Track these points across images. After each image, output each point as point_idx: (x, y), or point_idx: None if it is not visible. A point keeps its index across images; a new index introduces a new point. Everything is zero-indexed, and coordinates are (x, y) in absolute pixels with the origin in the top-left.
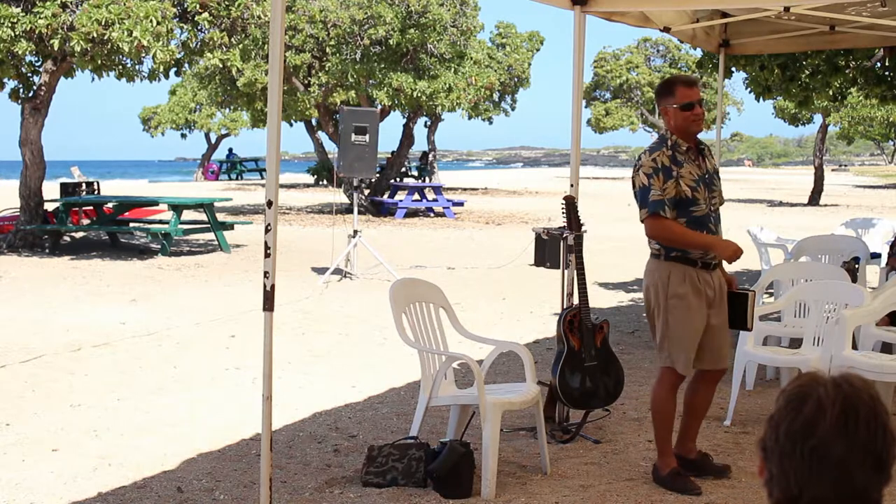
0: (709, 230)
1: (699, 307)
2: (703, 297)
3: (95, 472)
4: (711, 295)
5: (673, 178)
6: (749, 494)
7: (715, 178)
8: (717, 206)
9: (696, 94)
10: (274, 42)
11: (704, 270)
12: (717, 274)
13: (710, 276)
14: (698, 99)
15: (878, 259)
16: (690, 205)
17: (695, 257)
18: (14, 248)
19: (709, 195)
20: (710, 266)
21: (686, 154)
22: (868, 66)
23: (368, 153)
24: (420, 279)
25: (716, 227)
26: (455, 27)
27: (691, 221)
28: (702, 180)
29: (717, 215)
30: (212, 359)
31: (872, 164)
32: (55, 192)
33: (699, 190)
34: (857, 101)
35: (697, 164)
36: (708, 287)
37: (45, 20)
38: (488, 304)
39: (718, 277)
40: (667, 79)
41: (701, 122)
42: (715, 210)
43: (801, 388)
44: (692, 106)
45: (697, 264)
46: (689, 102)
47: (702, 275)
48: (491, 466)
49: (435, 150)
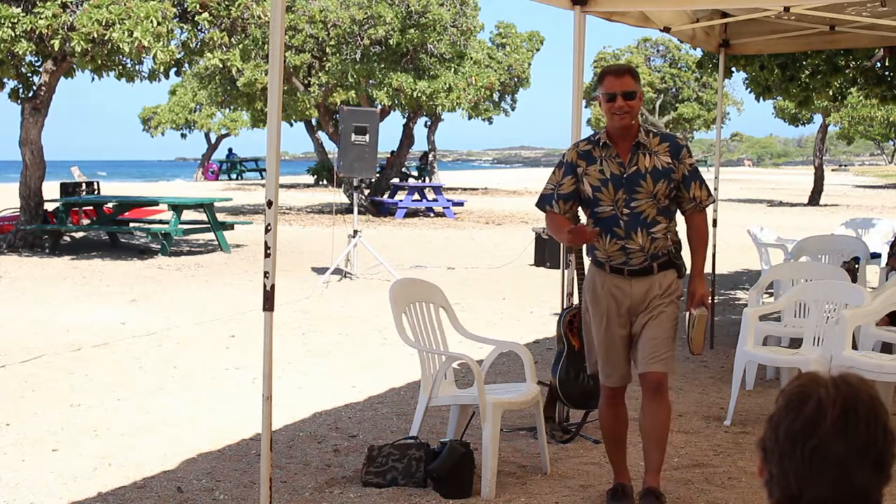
0: (614, 234)
1: (596, 314)
2: (601, 304)
3: (95, 472)
4: (626, 302)
5: (572, 175)
6: (749, 494)
7: (644, 180)
8: (640, 208)
9: (622, 85)
10: (274, 42)
11: (616, 275)
12: (644, 281)
13: (629, 283)
14: (624, 91)
15: (878, 259)
16: (593, 205)
17: (601, 260)
18: (14, 248)
19: (623, 196)
20: (622, 271)
21: (605, 150)
22: (868, 66)
23: (368, 153)
24: (420, 279)
25: (626, 231)
26: (455, 27)
27: (596, 222)
28: (613, 180)
29: (632, 219)
30: (212, 359)
31: (872, 164)
32: (55, 192)
33: (604, 190)
34: (857, 101)
35: (619, 162)
36: (619, 293)
37: (46, 20)
38: (488, 304)
39: (649, 285)
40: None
41: (626, 116)
42: (630, 214)
43: (801, 389)
44: (614, 97)
45: (604, 267)
46: (609, 93)
47: (611, 279)
48: (491, 466)
49: (435, 150)
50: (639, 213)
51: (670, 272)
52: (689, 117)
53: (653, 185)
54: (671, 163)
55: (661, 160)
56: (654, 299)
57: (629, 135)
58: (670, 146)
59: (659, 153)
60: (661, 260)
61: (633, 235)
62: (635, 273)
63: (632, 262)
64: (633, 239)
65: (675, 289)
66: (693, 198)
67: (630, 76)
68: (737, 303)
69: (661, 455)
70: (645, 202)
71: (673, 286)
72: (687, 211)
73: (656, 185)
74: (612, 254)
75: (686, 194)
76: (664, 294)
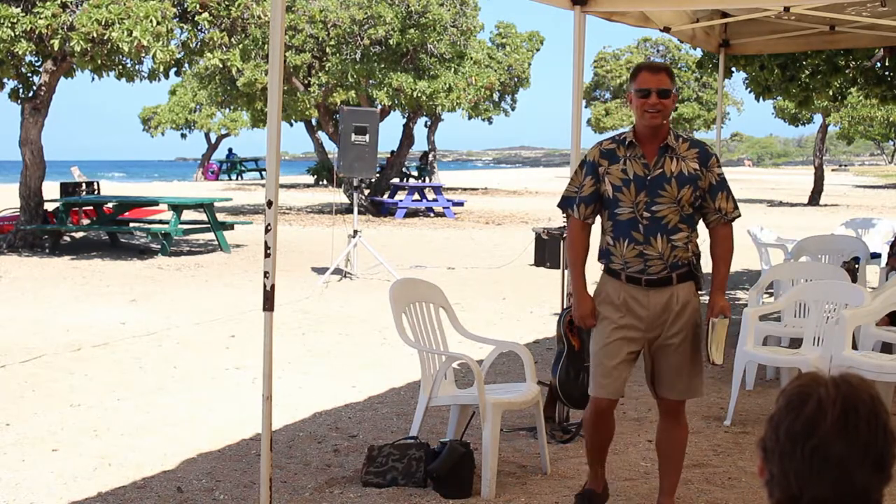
0: (632, 238)
1: (608, 325)
2: (613, 315)
3: (95, 472)
4: (644, 314)
5: (592, 175)
6: (749, 494)
7: (668, 184)
8: (662, 213)
9: (658, 82)
10: (274, 42)
11: (633, 285)
12: (662, 292)
13: (646, 294)
14: (660, 88)
15: (878, 259)
16: (613, 206)
17: (616, 268)
18: (14, 248)
19: (644, 198)
20: (639, 281)
21: (630, 149)
22: (868, 66)
23: (368, 153)
24: (420, 279)
25: (645, 236)
26: (455, 27)
27: (615, 225)
28: (636, 181)
29: (653, 224)
30: (212, 359)
31: (872, 164)
32: (55, 192)
33: (625, 191)
34: (857, 101)
35: (643, 164)
36: (637, 304)
37: (45, 20)
38: (488, 304)
39: (667, 297)
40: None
41: (658, 115)
42: (651, 218)
43: (801, 389)
44: (648, 93)
45: (621, 277)
46: (644, 89)
47: (628, 290)
48: (491, 466)
49: (435, 151)
50: (660, 217)
51: (689, 284)
52: (689, 117)
53: (677, 191)
54: (699, 170)
55: (689, 166)
56: (674, 318)
57: (658, 136)
58: (699, 153)
59: (687, 158)
60: (680, 270)
61: (653, 241)
62: (653, 283)
63: (650, 271)
64: (651, 245)
65: (695, 304)
66: (718, 209)
67: (666, 74)
68: (737, 303)
69: (676, 477)
70: (667, 207)
71: (692, 300)
72: (711, 222)
73: (681, 190)
74: (629, 260)
75: (711, 204)
76: (682, 310)
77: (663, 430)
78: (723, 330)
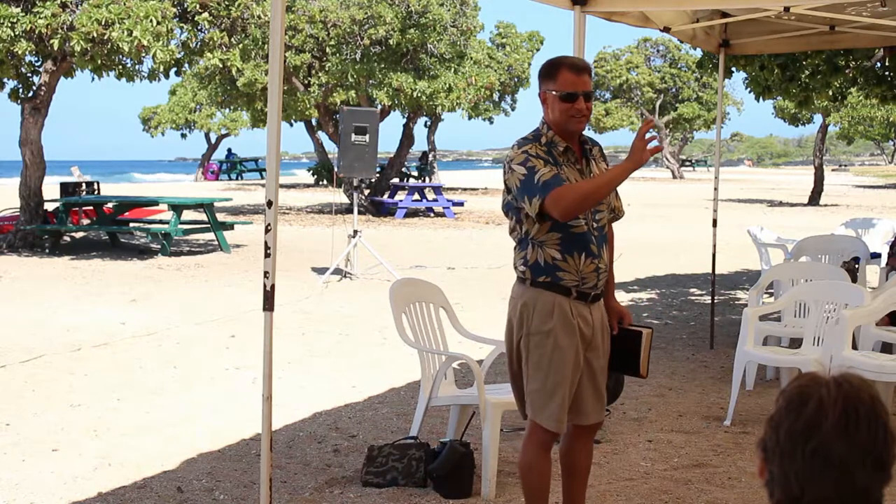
0: (590, 252)
1: (570, 347)
2: (575, 335)
3: (95, 472)
4: (588, 333)
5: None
6: (749, 494)
7: None
8: (603, 221)
9: (584, 84)
10: (274, 42)
11: (580, 302)
12: (598, 307)
13: (589, 310)
14: (585, 91)
15: (878, 259)
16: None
17: (568, 285)
18: (14, 248)
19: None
20: (587, 297)
21: (564, 156)
22: (868, 66)
23: (368, 153)
24: (420, 279)
25: (599, 247)
26: (455, 27)
27: (566, 238)
28: None
29: (600, 235)
30: (212, 359)
31: (872, 164)
32: (55, 192)
33: None
34: (857, 101)
35: (579, 170)
36: (583, 322)
37: (45, 20)
38: (488, 304)
39: (601, 312)
40: (553, 58)
41: (584, 120)
42: (599, 227)
43: (801, 389)
44: (575, 97)
45: (571, 294)
46: (572, 92)
47: (576, 307)
48: (491, 466)
49: (435, 150)
50: (602, 227)
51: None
52: (689, 117)
53: (612, 196)
54: (608, 169)
55: (601, 166)
56: (602, 336)
57: (575, 136)
58: (600, 150)
59: (597, 158)
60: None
61: (602, 254)
62: (595, 298)
63: (599, 286)
64: (602, 258)
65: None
66: (613, 208)
67: (588, 74)
68: (737, 303)
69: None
70: (604, 215)
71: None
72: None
73: (610, 195)
74: (587, 275)
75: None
76: (605, 326)
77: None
78: (649, 342)
